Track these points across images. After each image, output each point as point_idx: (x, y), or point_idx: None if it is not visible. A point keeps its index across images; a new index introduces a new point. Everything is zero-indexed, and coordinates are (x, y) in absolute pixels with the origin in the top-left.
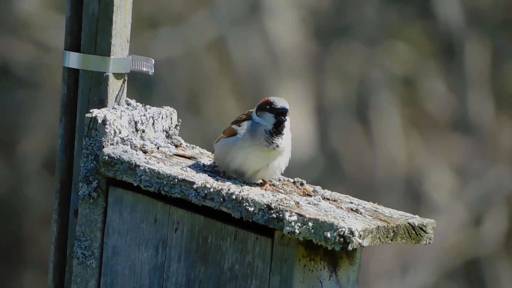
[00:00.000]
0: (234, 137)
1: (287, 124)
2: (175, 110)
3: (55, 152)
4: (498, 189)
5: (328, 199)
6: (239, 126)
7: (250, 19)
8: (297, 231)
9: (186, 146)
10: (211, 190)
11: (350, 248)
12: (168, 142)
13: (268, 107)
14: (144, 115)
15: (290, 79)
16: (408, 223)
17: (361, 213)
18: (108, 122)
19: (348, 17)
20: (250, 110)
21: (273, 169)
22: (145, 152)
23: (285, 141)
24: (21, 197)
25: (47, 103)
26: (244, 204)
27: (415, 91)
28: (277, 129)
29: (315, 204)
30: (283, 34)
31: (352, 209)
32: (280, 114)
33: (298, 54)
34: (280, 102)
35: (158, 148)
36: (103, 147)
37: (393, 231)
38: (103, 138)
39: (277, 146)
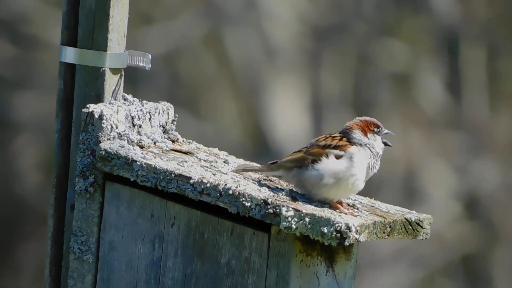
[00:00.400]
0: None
1: None
2: (171, 106)
3: (50, 148)
4: (493, 185)
5: None
6: (344, 151)
7: (247, 14)
8: (294, 226)
9: (183, 141)
10: (208, 185)
11: (347, 243)
12: (164, 137)
13: (377, 130)
14: (141, 110)
15: (286, 74)
16: (405, 218)
17: (358, 208)
18: (105, 117)
19: (344, 13)
20: (345, 130)
21: None
22: (142, 147)
23: None
24: (15, 194)
25: (42, 99)
26: (241, 199)
27: (411, 88)
28: (378, 153)
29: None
30: (279, 30)
31: (348, 204)
32: (386, 138)
33: (295, 50)
34: (381, 125)
35: (155, 143)
36: (100, 142)
37: (390, 227)
38: (99, 133)
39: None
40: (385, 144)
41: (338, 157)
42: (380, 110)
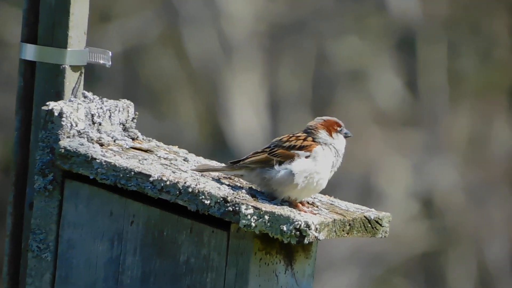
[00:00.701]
0: (314, 161)
1: None
2: (132, 103)
3: (9, 146)
4: (451, 183)
5: None
6: (310, 151)
7: (205, 12)
8: (253, 224)
9: (143, 139)
10: (168, 183)
11: (306, 241)
12: (124, 135)
13: (339, 129)
14: (101, 108)
15: (244, 73)
16: (364, 216)
17: (317, 207)
18: (64, 115)
19: (303, 10)
20: (309, 130)
21: None
22: (101, 145)
23: None
24: None
25: (1, 96)
26: (200, 197)
27: (369, 86)
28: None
29: None
30: (237, 28)
31: (308, 203)
32: (346, 137)
33: (253, 48)
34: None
35: (114, 141)
36: (60, 139)
37: (349, 225)
38: (59, 131)
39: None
40: (346, 135)
41: (305, 157)
42: (338, 108)
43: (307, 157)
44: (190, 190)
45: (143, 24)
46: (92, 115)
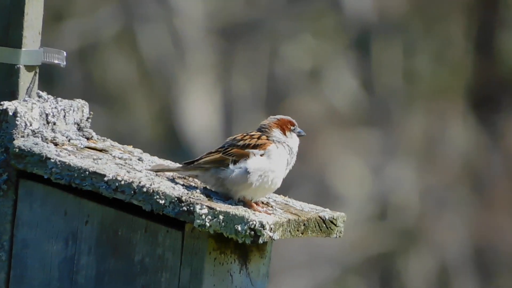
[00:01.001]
0: (268, 160)
1: None
2: (86, 103)
3: None
4: (407, 184)
5: None
6: (264, 149)
7: (159, 12)
8: (207, 224)
9: (98, 138)
10: (122, 182)
11: (260, 241)
12: (79, 135)
13: (293, 128)
14: (55, 107)
15: (198, 72)
16: (319, 216)
17: (272, 206)
18: (19, 114)
19: (257, 10)
20: (263, 128)
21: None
22: (56, 144)
23: None
24: None
25: None
26: (155, 197)
27: (325, 85)
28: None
29: None
30: (191, 27)
31: (263, 202)
32: (299, 136)
33: (207, 48)
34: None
35: (69, 140)
36: (14, 139)
37: (304, 225)
38: (13, 131)
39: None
40: (299, 134)
41: (260, 155)
42: (292, 108)
43: (261, 155)
44: (144, 190)
45: (98, 23)
46: (47, 115)
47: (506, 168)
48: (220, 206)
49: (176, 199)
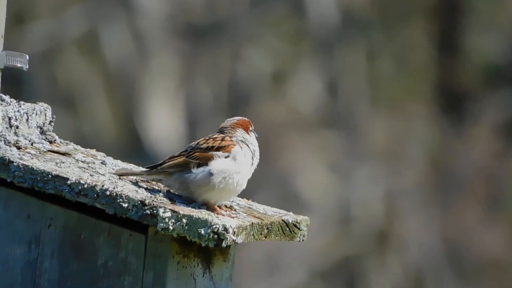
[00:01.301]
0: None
1: None
2: (49, 107)
3: None
4: (370, 186)
5: None
6: (229, 151)
7: (122, 15)
8: (171, 227)
9: (61, 142)
10: (85, 186)
11: (224, 245)
12: (42, 138)
13: (252, 128)
14: (18, 111)
15: (161, 76)
16: (282, 220)
17: (235, 210)
18: None
19: (219, 13)
20: (225, 130)
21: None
22: (19, 148)
23: None
24: None
25: None
26: (118, 200)
27: (288, 88)
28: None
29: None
30: (154, 31)
31: (226, 206)
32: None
33: (170, 51)
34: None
35: (32, 144)
36: None
37: (267, 228)
38: None
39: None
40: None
41: (224, 157)
42: (255, 111)
43: (226, 157)
44: (108, 193)
45: (61, 26)
46: (10, 118)
47: (472, 168)
48: (184, 210)
49: (139, 202)
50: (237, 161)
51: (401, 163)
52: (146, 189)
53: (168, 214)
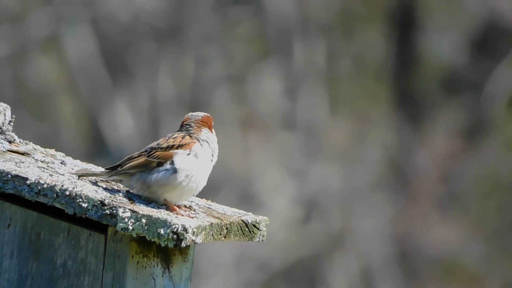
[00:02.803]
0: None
1: None
2: (8, 106)
3: None
4: (329, 187)
5: None
6: (189, 148)
7: (86, 15)
8: (130, 227)
9: (20, 142)
10: (45, 186)
11: (183, 245)
12: (1, 138)
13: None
14: None
15: (124, 76)
16: (242, 220)
17: (194, 210)
18: None
19: (182, 15)
20: (188, 127)
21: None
22: None
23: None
24: None
25: None
26: (78, 200)
27: (248, 90)
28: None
29: None
30: (117, 33)
31: (185, 206)
32: None
33: (132, 53)
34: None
35: None
36: None
37: (227, 228)
38: None
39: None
40: None
41: (186, 155)
42: (216, 112)
43: (188, 154)
44: (67, 193)
45: (25, 27)
46: None
47: (430, 168)
48: (143, 210)
49: (99, 202)
50: (198, 158)
51: (358, 164)
52: (105, 189)
53: (128, 214)
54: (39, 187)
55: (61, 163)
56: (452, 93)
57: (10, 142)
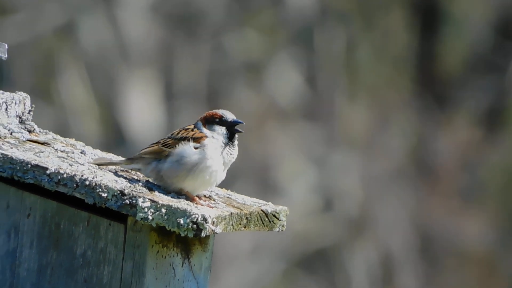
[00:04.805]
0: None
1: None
2: (28, 96)
3: None
4: (349, 176)
5: None
6: (199, 143)
7: (100, 3)
8: (150, 217)
9: (40, 131)
10: (65, 175)
11: (203, 234)
12: (21, 128)
13: (218, 120)
14: None
15: (140, 66)
16: (261, 210)
17: (214, 200)
18: None
19: (199, 3)
20: (198, 122)
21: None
22: None
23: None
24: None
25: None
26: (98, 190)
27: (266, 79)
28: (232, 141)
29: None
30: (132, 21)
31: (205, 196)
32: (232, 126)
33: (148, 42)
34: (229, 114)
35: (11, 133)
36: None
37: (246, 218)
38: None
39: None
40: (236, 131)
41: (195, 148)
42: (234, 102)
43: (196, 148)
44: (87, 183)
45: (40, 16)
46: None
47: (450, 157)
48: (163, 199)
49: (118, 192)
50: (206, 153)
51: (379, 152)
52: (125, 179)
53: (147, 204)
54: (59, 177)
55: (81, 152)
56: (475, 79)
57: (30, 131)
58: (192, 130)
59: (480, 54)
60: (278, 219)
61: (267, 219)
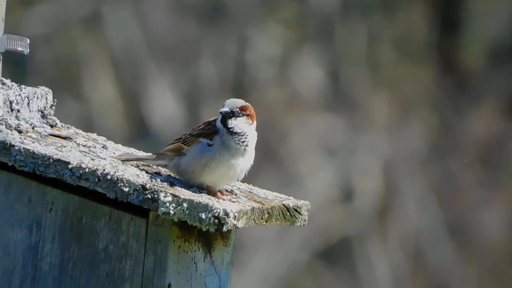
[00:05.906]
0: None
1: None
2: (50, 90)
3: None
4: (370, 168)
5: None
6: (211, 139)
7: None
8: (171, 212)
9: (62, 126)
10: (86, 170)
11: (224, 229)
12: (43, 122)
13: (240, 112)
14: (19, 94)
15: (166, 60)
16: (283, 204)
17: (236, 194)
18: None
19: None
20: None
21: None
22: (20, 132)
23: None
24: None
25: None
26: (119, 185)
27: (290, 72)
28: (228, 128)
29: None
30: (159, 14)
31: (227, 190)
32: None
33: (174, 35)
34: (224, 107)
35: (33, 128)
36: None
37: (268, 213)
38: None
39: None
40: (221, 116)
41: (209, 144)
42: (258, 95)
43: (209, 144)
44: (109, 177)
45: (65, 8)
46: (11, 102)
47: (471, 146)
48: (184, 194)
49: (140, 186)
50: (221, 149)
51: (400, 145)
52: (147, 173)
53: (169, 198)
54: (81, 171)
55: (102, 147)
56: (497, 71)
57: (52, 126)
58: (209, 124)
59: (503, 46)
60: (299, 213)
61: (288, 213)
